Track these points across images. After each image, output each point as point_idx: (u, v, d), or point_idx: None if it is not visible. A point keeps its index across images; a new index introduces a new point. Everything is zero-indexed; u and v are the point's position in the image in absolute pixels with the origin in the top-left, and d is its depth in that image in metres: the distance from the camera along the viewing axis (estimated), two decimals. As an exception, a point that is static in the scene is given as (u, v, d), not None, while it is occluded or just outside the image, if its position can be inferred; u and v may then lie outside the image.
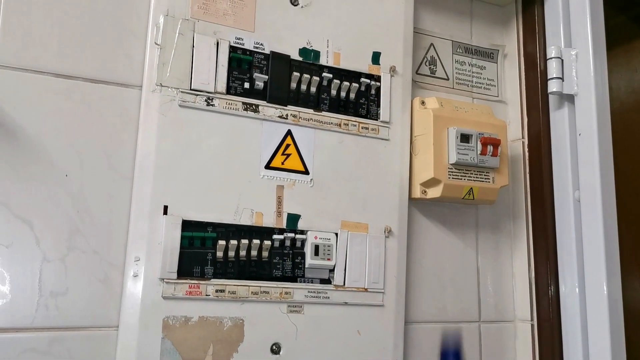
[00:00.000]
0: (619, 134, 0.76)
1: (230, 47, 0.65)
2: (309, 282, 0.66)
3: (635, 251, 0.94)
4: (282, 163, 0.67)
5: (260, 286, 0.63)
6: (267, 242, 0.64)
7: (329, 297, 0.67)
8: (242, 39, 0.66)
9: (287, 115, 0.67)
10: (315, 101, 0.69)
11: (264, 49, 0.67)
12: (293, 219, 0.66)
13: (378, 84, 0.73)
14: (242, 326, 0.62)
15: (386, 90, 0.73)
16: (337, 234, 0.68)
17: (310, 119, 0.68)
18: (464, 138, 0.74)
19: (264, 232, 0.65)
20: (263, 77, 0.66)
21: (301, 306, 0.65)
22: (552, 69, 0.77)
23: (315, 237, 0.66)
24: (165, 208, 0.60)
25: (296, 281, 0.66)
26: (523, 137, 0.86)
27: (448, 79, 0.83)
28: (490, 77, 0.87)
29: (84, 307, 0.58)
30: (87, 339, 0.58)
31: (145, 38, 0.63)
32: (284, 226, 0.66)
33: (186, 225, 0.61)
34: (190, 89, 0.63)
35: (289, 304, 0.65)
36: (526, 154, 0.85)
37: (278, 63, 0.67)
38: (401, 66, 0.75)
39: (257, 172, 0.65)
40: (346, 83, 0.70)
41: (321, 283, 0.67)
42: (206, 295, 0.61)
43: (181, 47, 0.63)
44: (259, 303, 0.63)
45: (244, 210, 0.64)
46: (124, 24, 0.64)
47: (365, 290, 0.69)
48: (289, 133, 0.67)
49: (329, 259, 0.67)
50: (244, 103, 0.65)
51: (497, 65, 0.88)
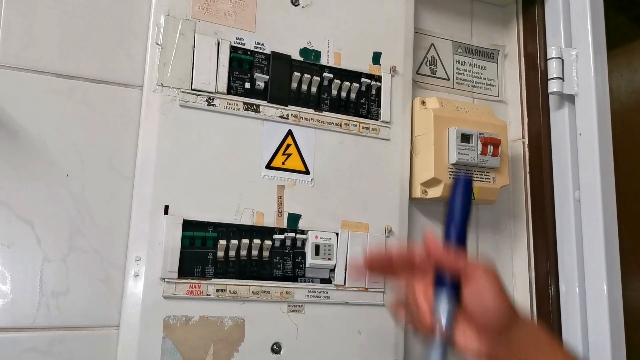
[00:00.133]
0: (619, 134, 0.76)
1: (231, 47, 0.65)
2: (310, 282, 0.66)
3: (636, 251, 0.94)
4: (283, 163, 0.67)
5: (261, 286, 0.63)
6: (267, 242, 0.64)
7: (329, 297, 0.67)
8: (243, 39, 0.66)
9: (287, 115, 0.67)
10: (315, 101, 0.69)
11: (264, 49, 0.67)
12: (294, 218, 0.66)
13: (379, 84, 0.73)
14: (243, 326, 0.62)
15: (387, 90, 0.73)
16: (337, 234, 0.68)
17: (311, 119, 0.68)
18: (465, 138, 0.74)
19: (265, 232, 0.65)
20: (264, 77, 0.66)
21: (302, 306, 0.65)
22: (553, 69, 0.77)
23: (316, 237, 0.66)
24: (166, 208, 0.60)
25: (297, 281, 0.66)
26: (523, 137, 0.86)
27: (448, 79, 0.83)
28: (491, 77, 0.87)
29: (85, 306, 0.58)
30: (87, 339, 0.58)
31: (146, 38, 0.63)
32: (284, 226, 0.66)
33: (187, 225, 0.61)
34: (191, 89, 0.63)
35: (289, 303, 0.65)
36: (526, 154, 0.85)
37: (279, 63, 0.67)
38: (402, 66, 0.75)
39: (258, 172, 0.65)
40: (347, 83, 0.70)
41: (322, 283, 0.67)
42: (207, 294, 0.61)
43: (182, 47, 0.63)
44: (259, 303, 0.63)
45: (245, 210, 0.64)
46: (125, 24, 0.64)
47: (366, 290, 0.69)
48: (289, 133, 0.67)
49: (329, 259, 0.67)
50: (244, 103, 0.65)
51: (497, 65, 0.88)
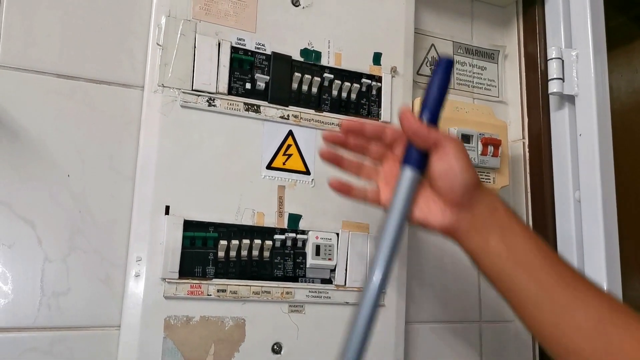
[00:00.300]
0: (619, 134, 0.76)
1: (232, 47, 0.65)
2: (310, 282, 0.67)
3: (636, 252, 0.94)
4: (284, 163, 0.67)
5: (262, 286, 0.64)
6: (268, 242, 0.64)
7: (330, 297, 0.67)
8: (244, 40, 0.66)
9: (288, 115, 0.67)
10: (316, 102, 0.69)
11: (265, 50, 0.67)
12: (294, 219, 0.66)
13: (379, 84, 0.73)
14: (244, 326, 0.62)
15: (387, 91, 0.73)
16: (338, 234, 0.68)
17: (312, 119, 0.68)
18: (465, 138, 0.74)
19: (266, 232, 0.65)
20: (264, 77, 0.66)
21: (302, 306, 0.65)
22: (553, 69, 0.77)
23: (317, 237, 0.66)
24: (167, 208, 0.60)
25: (297, 281, 0.66)
26: (523, 138, 0.86)
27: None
28: (491, 78, 0.87)
29: (86, 306, 0.59)
30: (88, 339, 0.58)
31: (147, 39, 0.63)
32: (285, 226, 0.66)
33: (188, 225, 0.61)
34: (192, 90, 0.63)
35: (290, 303, 0.65)
36: (527, 154, 0.85)
37: (279, 64, 0.67)
38: (402, 67, 0.75)
39: (259, 173, 0.65)
40: (347, 83, 0.70)
41: (322, 283, 0.67)
42: (208, 295, 0.61)
43: (183, 48, 0.63)
44: (260, 303, 0.63)
45: (246, 211, 0.64)
46: (126, 24, 0.64)
47: (366, 290, 0.69)
48: (290, 133, 0.68)
49: (330, 259, 0.67)
50: (245, 103, 0.65)
51: (497, 65, 0.88)
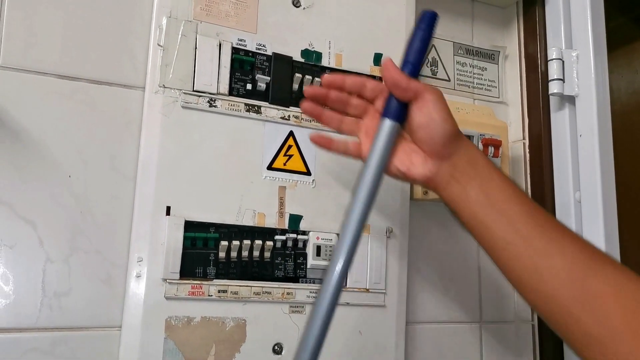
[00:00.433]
0: (619, 135, 0.77)
1: (233, 48, 0.65)
2: (311, 283, 0.67)
3: (636, 252, 0.94)
4: (284, 164, 0.67)
5: (263, 287, 0.64)
6: (269, 243, 0.64)
7: (330, 298, 0.67)
8: (245, 41, 0.66)
9: (289, 116, 0.67)
10: (317, 102, 0.69)
11: (266, 51, 0.67)
12: (295, 219, 0.66)
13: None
14: (244, 326, 0.63)
15: (388, 92, 0.73)
16: (339, 235, 0.68)
17: (313, 120, 0.68)
18: (465, 139, 0.74)
19: (266, 233, 0.65)
20: (265, 78, 0.66)
21: (303, 306, 0.65)
22: (553, 70, 0.78)
23: (317, 238, 0.67)
24: (168, 209, 0.60)
25: (298, 282, 0.66)
26: (524, 138, 0.86)
27: (449, 80, 0.84)
28: (492, 79, 0.88)
29: (87, 307, 0.59)
30: (90, 339, 0.58)
31: (148, 39, 0.64)
32: (286, 227, 0.66)
33: (189, 225, 0.61)
34: (193, 90, 0.63)
35: (290, 304, 0.65)
36: (527, 155, 0.85)
37: (280, 64, 0.67)
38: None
39: (260, 173, 0.65)
40: (348, 84, 0.70)
41: (323, 283, 0.67)
42: (208, 295, 0.61)
43: (184, 49, 0.63)
44: (261, 303, 0.64)
45: (246, 211, 0.64)
46: (127, 25, 0.64)
47: (367, 290, 0.69)
48: (291, 134, 0.68)
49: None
50: (246, 104, 0.65)
51: (498, 66, 0.88)
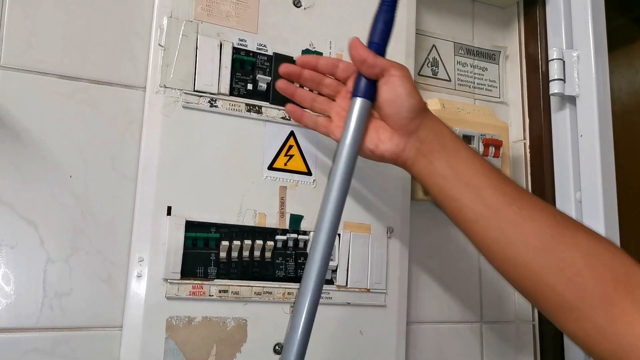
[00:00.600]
0: (620, 135, 0.77)
1: (234, 48, 0.65)
2: (312, 283, 0.67)
3: (637, 252, 0.94)
4: (285, 164, 0.67)
5: (263, 287, 0.64)
6: (270, 243, 0.64)
7: (331, 298, 0.67)
8: (246, 41, 0.66)
9: (290, 116, 0.67)
10: (317, 102, 0.69)
11: (267, 51, 0.67)
12: (296, 219, 0.66)
13: (380, 85, 0.73)
14: (245, 326, 0.63)
15: (388, 92, 0.73)
16: (339, 235, 0.68)
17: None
18: (466, 139, 0.74)
19: (267, 233, 0.65)
20: (266, 78, 0.66)
21: (304, 306, 0.65)
22: (554, 70, 0.78)
23: (318, 238, 0.66)
24: (169, 209, 0.60)
25: (299, 282, 0.66)
26: (525, 139, 0.86)
27: (450, 80, 0.84)
28: (492, 79, 0.88)
29: (88, 307, 0.59)
30: (90, 339, 0.58)
31: (149, 39, 0.64)
32: (286, 227, 0.66)
33: (189, 225, 0.61)
34: (194, 91, 0.63)
35: (291, 304, 0.65)
36: (528, 155, 0.85)
37: (281, 64, 0.67)
38: (403, 67, 0.75)
39: (260, 173, 0.65)
40: (349, 84, 0.70)
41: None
42: (209, 295, 0.61)
43: (185, 49, 0.63)
44: (262, 303, 0.64)
45: (247, 211, 0.64)
46: (127, 25, 0.64)
47: (368, 290, 0.69)
48: (291, 134, 0.68)
49: (331, 260, 0.67)
50: (247, 104, 0.65)
51: (498, 66, 0.88)
